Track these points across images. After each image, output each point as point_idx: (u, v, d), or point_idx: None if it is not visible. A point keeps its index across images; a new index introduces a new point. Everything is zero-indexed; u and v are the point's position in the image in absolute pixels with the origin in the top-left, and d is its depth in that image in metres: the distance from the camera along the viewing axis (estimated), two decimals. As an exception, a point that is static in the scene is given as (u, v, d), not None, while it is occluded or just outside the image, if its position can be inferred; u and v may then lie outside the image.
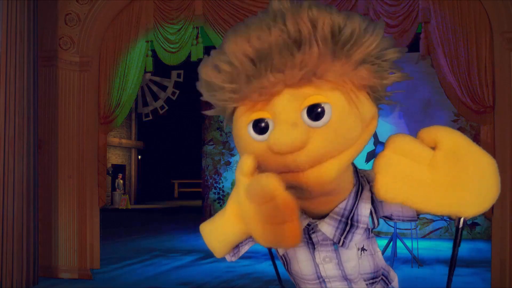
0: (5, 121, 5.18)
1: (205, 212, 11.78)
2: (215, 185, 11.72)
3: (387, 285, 1.24)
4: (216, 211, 11.25)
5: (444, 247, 8.70)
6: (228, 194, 11.39)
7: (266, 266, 6.86)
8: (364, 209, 1.08)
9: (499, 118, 5.16)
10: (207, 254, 8.04)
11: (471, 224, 9.96)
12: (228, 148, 11.73)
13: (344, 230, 1.07)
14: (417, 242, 7.28)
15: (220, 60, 0.92)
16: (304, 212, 1.08)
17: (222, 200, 11.61)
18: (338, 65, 0.87)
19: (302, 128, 0.86)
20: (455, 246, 0.95)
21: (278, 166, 0.89)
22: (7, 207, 5.17)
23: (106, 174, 6.87)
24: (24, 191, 5.37)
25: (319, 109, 0.87)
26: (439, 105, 9.73)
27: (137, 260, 7.72)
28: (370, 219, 1.11)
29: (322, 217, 1.08)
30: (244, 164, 0.94)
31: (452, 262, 0.97)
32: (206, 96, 1.00)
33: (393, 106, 10.41)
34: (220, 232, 1.04)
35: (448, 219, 9.84)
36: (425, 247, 8.38)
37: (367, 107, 0.93)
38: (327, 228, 1.07)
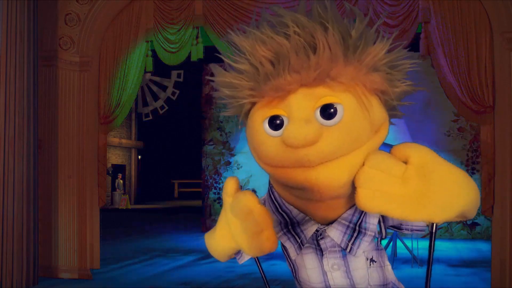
0: (5, 121, 5.18)
1: (205, 212, 11.78)
2: (215, 185, 11.71)
3: None
4: (216, 211, 11.19)
5: (444, 247, 8.70)
6: (228, 194, 11.44)
7: (266, 266, 6.83)
8: (373, 217, 1.11)
9: (499, 118, 5.16)
10: (207, 254, 7.99)
11: (471, 224, 9.96)
12: (228, 148, 11.73)
13: (352, 236, 1.10)
14: (417, 242, 7.29)
15: (239, 62, 1.01)
16: (313, 218, 1.11)
17: (222, 200, 11.61)
18: (350, 68, 0.96)
19: (315, 125, 0.92)
20: (430, 248, 1.03)
21: (290, 161, 0.94)
22: (7, 207, 5.17)
23: (106, 174, 6.87)
24: (24, 191, 5.37)
25: (332, 109, 0.94)
26: (439, 105, 9.73)
27: (137, 260, 7.72)
28: (378, 227, 1.14)
29: (331, 223, 1.10)
30: (228, 185, 1.09)
31: (429, 265, 1.04)
32: (226, 96, 1.07)
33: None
34: (216, 246, 1.19)
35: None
36: (425, 247, 8.33)
37: (378, 111, 0.99)
38: (335, 233, 1.10)
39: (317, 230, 1.12)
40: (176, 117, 21.93)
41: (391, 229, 1.19)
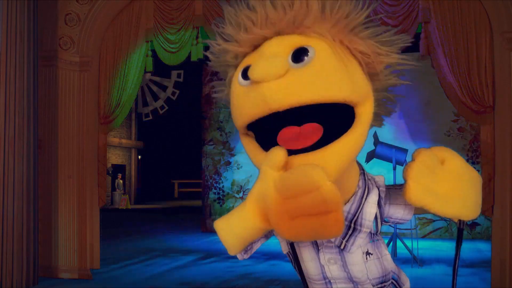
0: (5, 121, 5.18)
1: (205, 212, 11.77)
2: (215, 185, 11.71)
3: None
4: (216, 211, 11.15)
5: (444, 247, 8.70)
6: (228, 194, 11.44)
7: (266, 266, 6.87)
8: (369, 214, 1.09)
9: (499, 118, 5.16)
10: (207, 254, 8.04)
11: (471, 224, 9.96)
12: (228, 148, 11.72)
13: (346, 234, 1.08)
14: (417, 242, 7.28)
15: (226, 28, 1.06)
16: None
17: (222, 200, 11.61)
18: (328, 24, 0.98)
19: (282, 59, 0.93)
20: (458, 243, 1.10)
21: (256, 103, 0.94)
22: (7, 207, 5.16)
23: (106, 174, 6.87)
24: (24, 191, 5.37)
25: (302, 52, 0.94)
26: (439, 105, 9.73)
27: (137, 260, 7.72)
28: (374, 223, 1.11)
29: None
30: (276, 156, 0.93)
31: (456, 262, 1.13)
32: (215, 62, 1.13)
33: (392, 106, 10.35)
34: (238, 228, 1.01)
35: (448, 220, 9.83)
36: (425, 247, 8.38)
37: (359, 76, 1.01)
38: None
39: None
40: (176, 117, 21.94)
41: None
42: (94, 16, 6.32)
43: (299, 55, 0.94)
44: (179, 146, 26.50)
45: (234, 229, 1.01)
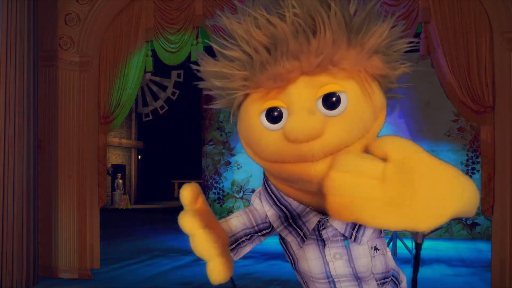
0: (5, 121, 5.18)
1: (205, 212, 11.77)
2: (215, 185, 11.71)
3: (397, 286, 1.23)
4: (216, 211, 11.14)
5: (444, 247, 8.69)
6: (228, 194, 11.45)
7: (266, 266, 6.86)
8: None
9: (499, 118, 5.16)
10: (207, 254, 8.02)
11: (471, 224, 9.96)
12: (228, 148, 11.73)
13: (355, 224, 1.06)
14: (417, 242, 7.26)
15: (229, 48, 0.91)
16: (314, 209, 1.07)
17: (222, 200, 11.61)
18: (353, 53, 0.88)
19: (319, 116, 0.86)
20: (416, 262, 0.91)
21: (292, 156, 0.88)
22: (7, 207, 5.16)
23: (106, 174, 6.87)
24: (24, 191, 5.37)
25: (335, 98, 0.87)
26: (439, 105, 9.73)
27: (137, 260, 7.72)
28: None
29: None
30: (181, 196, 0.99)
31: (414, 278, 0.97)
32: (214, 87, 0.98)
33: (393, 106, 10.36)
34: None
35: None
36: (425, 247, 8.32)
37: (378, 97, 0.94)
38: (337, 222, 1.06)
39: (319, 221, 1.08)
40: (176, 117, 21.93)
41: None
42: (94, 16, 6.32)
43: (331, 101, 0.87)
44: (179, 146, 26.50)
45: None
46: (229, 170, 11.62)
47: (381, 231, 1.13)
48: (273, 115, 0.90)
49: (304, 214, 1.07)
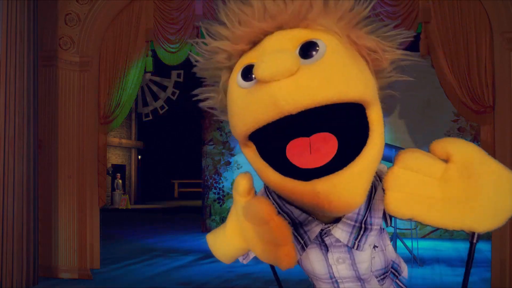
0: (5, 121, 5.18)
1: (205, 212, 11.77)
2: (215, 185, 11.71)
3: (396, 277, 1.24)
4: (216, 211, 11.15)
5: (444, 247, 8.69)
6: (228, 194, 11.44)
7: (266, 266, 6.80)
8: (378, 211, 1.04)
9: (499, 118, 5.16)
10: (207, 254, 8.04)
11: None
12: (228, 148, 11.72)
13: (358, 234, 1.05)
14: (417, 242, 7.29)
15: (217, 27, 0.93)
16: (316, 217, 1.05)
17: (222, 200, 11.61)
18: (332, 17, 0.87)
19: (292, 54, 0.80)
20: (469, 260, 0.91)
21: (262, 104, 0.80)
22: (7, 207, 5.16)
23: (106, 174, 6.87)
24: (24, 191, 5.37)
25: (311, 44, 0.83)
26: (439, 105, 9.73)
27: (137, 260, 7.72)
28: (383, 219, 1.09)
29: (335, 220, 1.05)
30: (239, 185, 0.98)
31: (466, 277, 0.94)
32: (204, 65, 0.99)
33: (392, 107, 10.39)
34: (222, 245, 1.09)
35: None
36: (425, 247, 8.38)
37: (367, 73, 0.89)
38: (340, 233, 1.05)
39: (321, 230, 1.06)
40: (176, 117, 21.93)
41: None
42: (94, 16, 6.33)
43: (307, 50, 0.82)
44: (179, 146, 26.51)
45: (220, 246, 1.09)
46: (229, 170, 11.62)
47: (381, 230, 1.12)
48: (247, 70, 0.86)
49: (306, 223, 1.06)
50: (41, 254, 5.83)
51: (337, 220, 1.05)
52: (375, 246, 1.13)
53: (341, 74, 0.80)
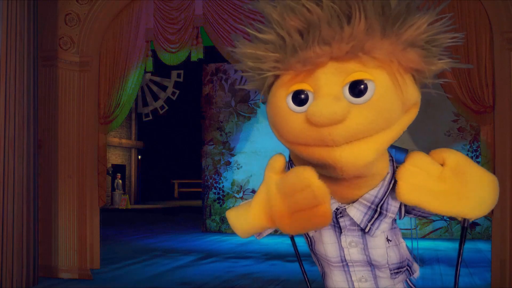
0: (5, 121, 5.18)
1: (205, 212, 11.77)
2: (215, 185, 11.71)
3: (411, 275, 1.27)
4: (216, 211, 11.13)
5: (444, 247, 8.70)
6: (228, 194, 11.44)
7: (266, 266, 6.86)
8: (395, 201, 1.09)
9: (499, 118, 5.15)
10: (207, 254, 8.04)
11: (471, 224, 9.96)
12: (228, 148, 11.72)
13: (372, 217, 1.09)
14: (417, 242, 7.28)
15: (264, 32, 0.94)
16: (333, 197, 1.09)
17: (222, 200, 11.60)
18: (387, 43, 0.88)
19: (343, 102, 0.88)
20: (461, 242, 1.06)
21: (313, 139, 0.91)
22: (7, 207, 5.16)
23: (106, 174, 6.87)
24: (24, 191, 5.37)
25: (362, 86, 0.88)
26: (439, 105, 9.73)
27: (137, 260, 7.72)
28: (398, 210, 1.13)
29: (351, 203, 1.09)
30: (276, 162, 1.06)
31: (459, 259, 1.07)
32: (248, 68, 1.01)
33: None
34: (244, 221, 1.15)
35: (448, 220, 9.84)
36: (425, 247, 8.38)
37: (411, 91, 0.95)
38: (355, 212, 1.09)
39: (337, 209, 1.11)
40: (176, 117, 21.95)
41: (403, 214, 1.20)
42: (94, 16, 6.33)
43: (357, 88, 0.88)
44: (179, 146, 26.53)
45: (242, 221, 1.16)
46: (229, 170, 11.62)
47: (393, 223, 1.17)
48: (300, 98, 0.93)
49: None
50: (41, 254, 5.83)
51: (353, 202, 1.10)
52: (388, 240, 1.16)
53: (385, 116, 0.90)
